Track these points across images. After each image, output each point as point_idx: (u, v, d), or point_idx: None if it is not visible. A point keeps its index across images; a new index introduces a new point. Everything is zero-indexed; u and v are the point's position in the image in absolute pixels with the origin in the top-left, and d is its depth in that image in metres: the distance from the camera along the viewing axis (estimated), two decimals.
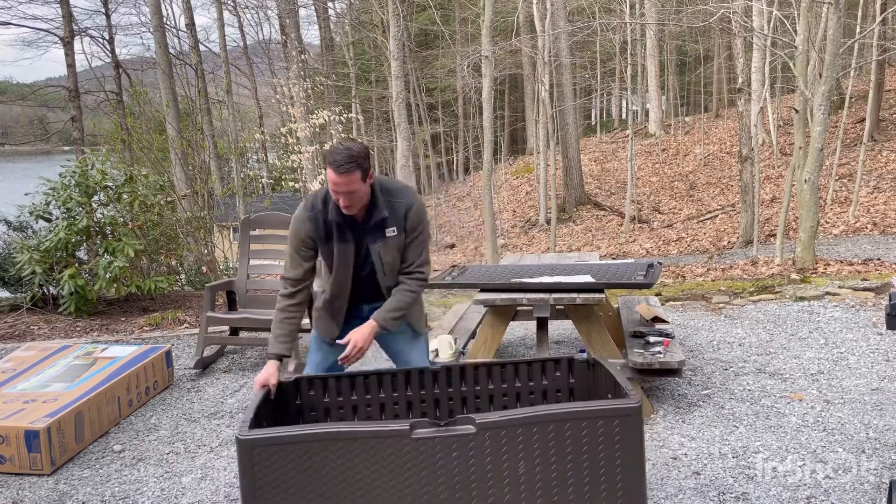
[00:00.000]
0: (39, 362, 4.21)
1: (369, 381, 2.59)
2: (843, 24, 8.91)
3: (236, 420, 3.93)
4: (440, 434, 1.97)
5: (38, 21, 40.27)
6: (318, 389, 2.59)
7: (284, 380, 2.55)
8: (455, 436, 1.97)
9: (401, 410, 2.60)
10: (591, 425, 1.98)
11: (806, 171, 7.54)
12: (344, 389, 2.60)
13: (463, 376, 2.61)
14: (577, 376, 2.60)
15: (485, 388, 2.62)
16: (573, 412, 2.00)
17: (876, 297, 5.77)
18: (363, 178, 2.48)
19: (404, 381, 2.60)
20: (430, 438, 1.97)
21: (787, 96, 21.11)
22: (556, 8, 16.65)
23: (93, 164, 6.53)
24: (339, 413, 2.60)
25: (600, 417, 1.99)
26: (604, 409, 2.01)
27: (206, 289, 4.93)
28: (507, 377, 2.62)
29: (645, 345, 3.97)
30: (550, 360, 2.62)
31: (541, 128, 18.10)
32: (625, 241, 15.56)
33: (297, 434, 2.01)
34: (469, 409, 2.61)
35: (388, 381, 2.60)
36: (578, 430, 1.98)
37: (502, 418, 1.99)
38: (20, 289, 6.70)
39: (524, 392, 2.62)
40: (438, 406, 2.62)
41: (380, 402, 2.61)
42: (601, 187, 21.16)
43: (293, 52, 14.02)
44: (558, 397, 2.62)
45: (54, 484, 3.22)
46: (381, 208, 2.59)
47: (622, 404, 2.02)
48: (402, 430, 1.97)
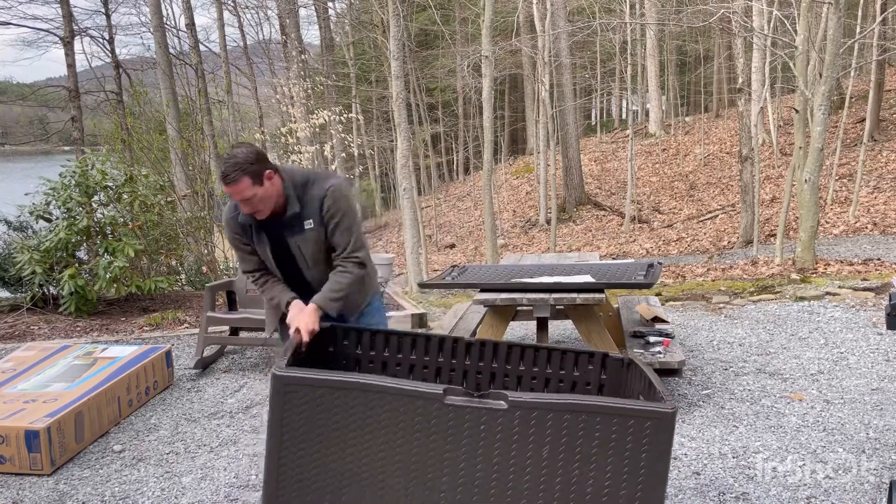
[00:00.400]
0: (39, 362, 4.21)
1: (403, 341, 2.60)
2: (843, 24, 8.92)
3: (236, 419, 3.93)
4: (472, 405, 1.96)
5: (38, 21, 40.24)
6: (352, 340, 2.62)
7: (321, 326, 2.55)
8: (486, 409, 1.96)
9: (429, 375, 2.61)
10: (622, 423, 1.95)
11: (806, 171, 7.54)
12: (378, 344, 2.62)
13: (496, 353, 2.60)
14: (610, 373, 2.57)
15: (515, 368, 2.60)
16: (606, 406, 1.97)
17: (876, 297, 5.77)
18: (255, 183, 2.47)
19: (437, 347, 2.60)
20: (461, 407, 1.96)
21: (787, 96, 21.10)
22: (556, 8, 16.65)
23: (93, 164, 6.53)
24: (368, 366, 2.62)
25: (633, 417, 1.96)
26: (637, 408, 1.98)
27: (206, 289, 4.93)
28: (540, 362, 2.59)
29: (645, 345, 3.98)
30: (585, 353, 2.60)
31: (541, 128, 18.10)
32: (625, 241, 15.55)
33: (331, 379, 2.00)
34: (496, 385, 2.61)
35: (421, 343, 2.60)
36: (608, 426, 1.95)
37: (535, 400, 1.97)
38: (20, 289, 6.70)
39: (553, 379, 2.60)
40: (466, 378, 2.61)
41: (410, 363, 2.62)
42: (601, 187, 21.16)
43: (293, 52, 14.03)
44: (587, 390, 2.60)
45: (54, 484, 3.22)
46: (294, 203, 2.59)
47: (657, 407, 1.98)
48: (435, 393, 1.96)
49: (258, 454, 3.46)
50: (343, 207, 2.63)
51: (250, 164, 2.47)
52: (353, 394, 1.98)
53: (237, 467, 3.31)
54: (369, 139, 21.55)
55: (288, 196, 2.59)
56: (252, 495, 3.03)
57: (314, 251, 2.65)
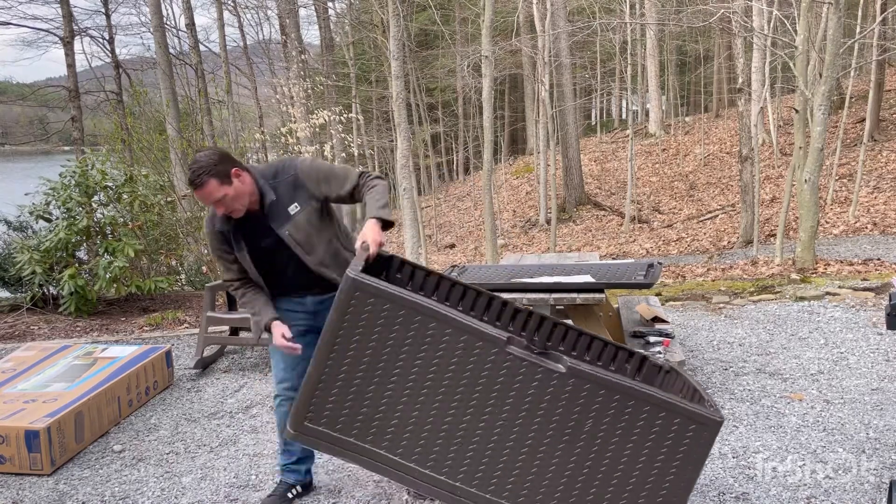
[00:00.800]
0: (39, 362, 4.21)
1: (453, 290, 2.56)
2: (843, 24, 8.91)
3: (236, 419, 3.93)
4: (531, 359, 1.95)
5: (38, 21, 40.23)
6: (405, 274, 2.58)
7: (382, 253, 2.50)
8: (544, 368, 1.95)
9: None
10: (668, 419, 1.94)
11: (806, 171, 7.54)
12: (428, 286, 2.58)
13: (540, 326, 2.57)
14: (645, 376, 2.55)
15: (556, 346, 2.57)
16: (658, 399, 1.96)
17: (876, 297, 5.77)
18: (223, 182, 2.47)
19: (485, 305, 2.56)
20: (521, 359, 1.95)
21: (787, 96, 21.10)
22: (556, 8, 16.64)
23: (93, 164, 6.53)
24: None
25: (680, 416, 1.94)
26: (687, 409, 1.96)
27: (206, 289, 4.93)
28: (580, 346, 2.57)
29: (645, 345, 3.98)
30: (625, 350, 2.58)
31: (541, 128, 18.10)
32: (625, 241, 15.55)
33: (402, 295, 1.99)
34: None
35: (471, 296, 2.56)
36: (653, 418, 1.95)
37: (593, 373, 1.96)
38: (20, 289, 6.70)
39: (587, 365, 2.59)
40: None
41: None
42: (601, 187, 21.16)
43: (293, 52, 14.03)
44: None
45: (54, 484, 3.22)
46: (269, 193, 2.58)
47: (706, 413, 1.96)
48: (500, 338, 1.95)
49: (258, 454, 3.46)
50: (321, 168, 2.66)
51: (214, 166, 2.46)
52: (417, 317, 1.96)
53: (237, 467, 3.31)
54: (369, 139, 21.55)
55: (262, 189, 2.58)
56: (252, 495, 3.03)
57: (308, 233, 2.62)
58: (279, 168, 2.65)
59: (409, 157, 9.92)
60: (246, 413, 4.04)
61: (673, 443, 1.95)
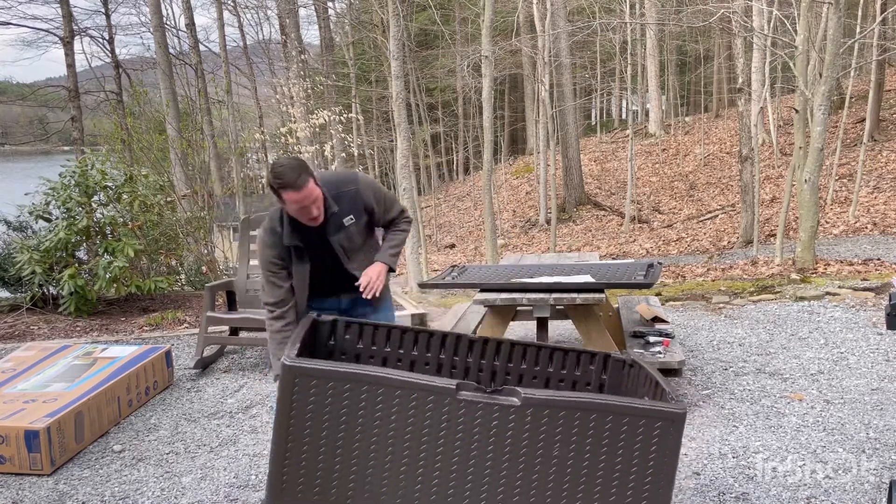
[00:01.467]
0: (39, 362, 4.21)
1: (405, 336, 2.59)
2: (843, 24, 8.91)
3: (236, 419, 3.93)
4: (485, 400, 1.95)
5: (38, 21, 40.24)
6: (353, 334, 2.60)
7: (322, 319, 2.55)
8: (499, 405, 1.95)
9: (430, 372, 2.60)
10: (633, 423, 1.96)
11: (806, 171, 7.54)
12: (379, 339, 2.60)
13: (498, 351, 2.59)
14: (611, 374, 2.57)
15: (517, 366, 2.60)
16: (618, 406, 1.97)
17: (876, 297, 5.77)
18: (315, 183, 2.53)
19: (440, 343, 2.59)
20: (474, 402, 1.95)
21: (787, 96, 21.10)
22: (556, 8, 16.65)
23: (93, 164, 6.53)
24: (369, 361, 2.61)
25: (644, 416, 1.96)
26: (648, 409, 1.98)
27: (206, 289, 4.93)
28: (542, 360, 2.59)
29: (645, 345, 3.98)
30: (587, 353, 2.60)
31: (541, 128, 18.10)
32: (625, 241, 15.55)
33: (342, 371, 1.99)
34: (498, 383, 2.61)
35: (423, 338, 2.59)
36: (619, 425, 1.96)
37: (548, 397, 1.97)
38: (20, 289, 6.70)
39: (554, 378, 2.60)
40: (467, 375, 2.61)
41: (411, 358, 2.60)
42: (601, 187, 21.16)
43: (293, 52, 14.03)
44: (587, 390, 2.60)
45: (54, 484, 3.22)
46: (331, 204, 2.65)
47: (668, 408, 1.98)
48: (448, 388, 1.95)
49: (258, 454, 3.46)
50: (378, 189, 2.85)
51: (305, 167, 2.50)
52: (363, 386, 1.96)
53: (237, 467, 3.31)
54: (369, 139, 21.55)
55: (326, 198, 2.63)
56: (252, 495, 3.03)
57: (356, 243, 2.78)
58: (340, 180, 2.75)
59: (409, 157, 9.92)
60: (246, 413, 4.04)
61: (643, 444, 1.97)
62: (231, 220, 13.18)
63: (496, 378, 2.60)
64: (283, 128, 12.81)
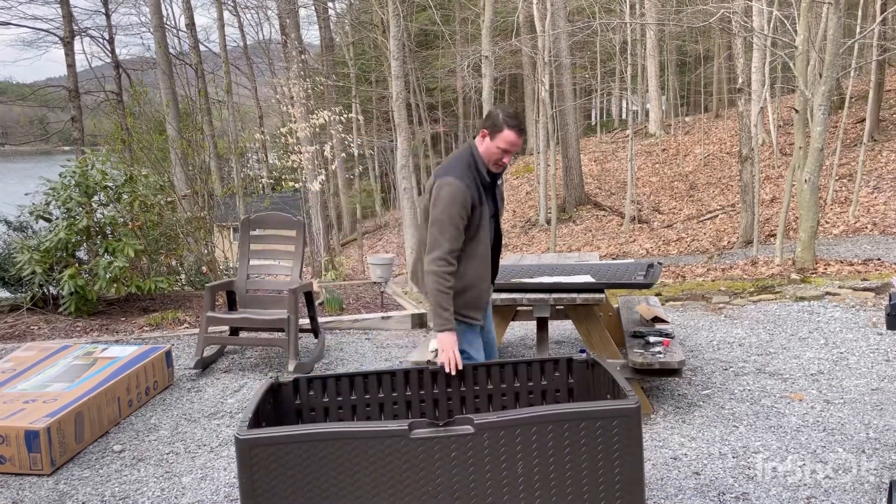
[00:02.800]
0: (39, 362, 4.21)
1: (368, 381, 2.60)
2: (843, 24, 8.91)
3: (236, 420, 3.93)
4: (439, 434, 1.98)
5: (38, 21, 40.29)
6: (317, 389, 2.60)
7: (283, 381, 2.55)
8: (454, 436, 1.98)
9: (400, 410, 2.61)
10: (590, 426, 1.98)
11: (806, 171, 7.54)
12: (343, 389, 2.60)
13: (462, 376, 2.61)
14: (577, 376, 2.60)
15: (484, 388, 2.62)
16: (572, 413, 2.00)
17: (876, 297, 5.77)
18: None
19: (403, 381, 2.61)
20: (428, 439, 1.98)
21: (787, 96, 21.10)
22: (556, 8, 16.64)
23: (93, 164, 6.53)
24: (338, 413, 2.60)
25: (599, 418, 1.99)
26: (602, 409, 2.01)
27: (206, 289, 4.93)
28: (507, 377, 2.62)
29: (645, 345, 3.97)
30: (550, 361, 2.62)
31: (541, 128, 18.10)
32: (625, 241, 15.55)
33: (295, 434, 2.01)
34: (468, 409, 2.61)
35: (387, 380, 2.60)
36: (577, 431, 1.98)
37: (501, 419, 2.00)
38: (20, 289, 6.69)
39: (523, 392, 2.62)
40: (438, 406, 2.62)
41: (379, 401, 2.61)
42: (601, 187, 21.16)
43: (293, 52, 14.02)
44: (557, 397, 2.62)
45: (54, 484, 3.22)
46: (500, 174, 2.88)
47: (621, 405, 2.02)
48: (400, 430, 1.98)
49: None
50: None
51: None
52: (319, 445, 1.99)
53: (237, 467, 3.31)
54: (369, 139, 21.55)
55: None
56: None
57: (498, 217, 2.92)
58: None
59: (409, 157, 9.92)
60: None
61: (605, 445, 1.99)
62: (231, 220, 13.18)
63: (466, 403, 2.62)
64: (284, 128, 12.81)
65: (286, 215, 5.23)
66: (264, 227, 5.19)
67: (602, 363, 2.44)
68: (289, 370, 4.55)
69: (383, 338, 5.72)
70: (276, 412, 2.50)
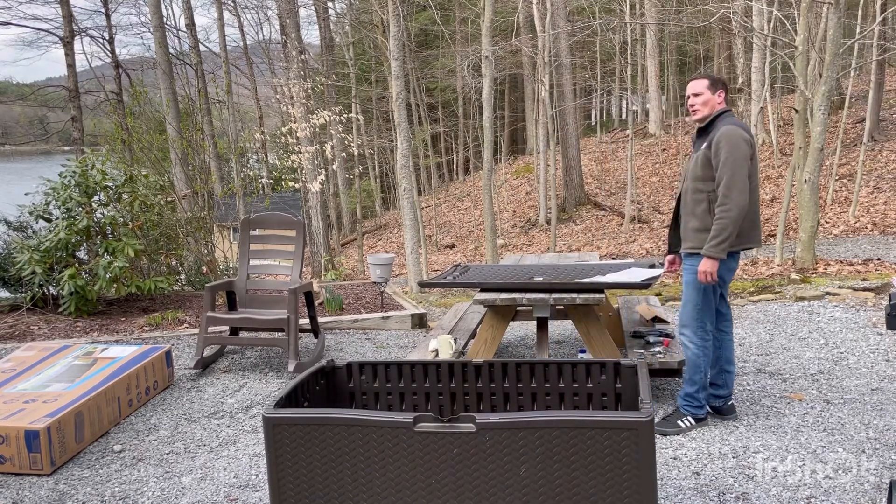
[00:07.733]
0: (39, 362, 4.21)
1: (415, 371, 2.70)
2: (843, 24, 8.91)
3: (236, 419, 3.93)
4: (442, 430, 2.02)
5: (38, 21, 40.31)
6: (368, 375, 2.74)
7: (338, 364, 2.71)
8: (456, 433, 2.01)
9: (445, 402, 2.69)
10: (597, 436, 1.94)
11: (806, 171, 7.54)
12: (392, 376, 2.72)
13: (505, 373, 2.63)
14: (624, 381, 2.56)
15: (527, 385, 2.63)
16: (576, 420, 1.96)
17: (876, 297, 5.77)
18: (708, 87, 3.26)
19: (448, 373, 2.68)
20: (431, 433, 2.02)
21: (787, 96, 21.09)
22: (556, 8, 16.64)
23: (93, 164, 6.53)
24: (387, 399, 2.73)
25: (606, 429, 1.93)
26: (610, 420, 1.95)
27: (206, 289, 4.93)
28: (551, 377, 2.61)
29: (645, 345, 3.98)
30: (596, 364, 2.59)
31: (541, 128, 18.10)
32: (625, 241, 15.56)
33: (312, 416, 2.13)
34: (511, 406, 2.65)
35: (433, 371, 2.69)
36: (583, 440, 1.95)
37: (504, 420, 2.00)
38: (20, 289, 6.69)
39: (568, 393, 2.61)
40: (481, 400, 2.67)
41: (425, 391, 2.70)
42: (601, 187, 21.16)
43: (293, 52, 14.02)
44: (604, 401, 2.58)
45: (54, 484, 3.22)
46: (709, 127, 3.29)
47: (629, 417, 1.94)
48: (405, 422, 2.03)
49: (258, 454, 3.46)
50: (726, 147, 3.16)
51: (718, 79, 3.32)
52: (334, 429, 2.09)
53: (237, 467, 3.31)
54: (369, 139, 21.56)
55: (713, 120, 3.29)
56: (252, 495, 3.03)
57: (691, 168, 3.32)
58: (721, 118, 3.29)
59: (409, 157, 9.91)
60: (246, 413, 4.04)
61: (612, 456, 1.94)
62: (231, 220, 13.19)
63: (510, 400, 2.64)
64: (284, 128, 12.81)
65: (286, 215, 5.23)
66: (264, 227, 5.19)
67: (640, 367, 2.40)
68: (289, 370, 4.55)
69: (383, 338, 5.72)
70: (330, 394, 2.67)
